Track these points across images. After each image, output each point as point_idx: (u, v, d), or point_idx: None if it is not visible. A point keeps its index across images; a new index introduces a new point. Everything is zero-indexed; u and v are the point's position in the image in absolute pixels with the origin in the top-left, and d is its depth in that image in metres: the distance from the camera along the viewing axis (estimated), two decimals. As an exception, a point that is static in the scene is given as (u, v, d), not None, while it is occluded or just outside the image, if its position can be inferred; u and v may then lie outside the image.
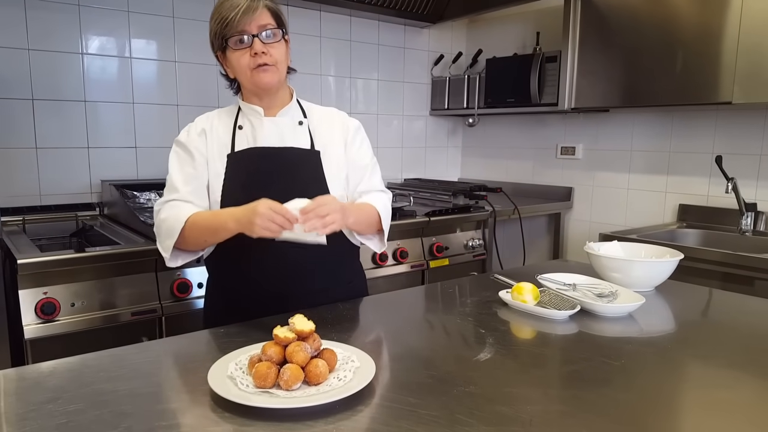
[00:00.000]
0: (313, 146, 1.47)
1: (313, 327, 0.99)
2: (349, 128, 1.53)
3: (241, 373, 0.96)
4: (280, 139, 1.45)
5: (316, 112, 1.54)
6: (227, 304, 1.49)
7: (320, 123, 1.51)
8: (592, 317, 1.34)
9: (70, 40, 2.42)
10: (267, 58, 1.36)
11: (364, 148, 1.55)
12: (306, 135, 1.48)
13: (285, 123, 1.47)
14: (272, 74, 1.38)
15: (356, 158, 1.52)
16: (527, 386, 0.98)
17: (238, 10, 1.32)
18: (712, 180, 2.73)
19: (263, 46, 1.35)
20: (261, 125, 1.45)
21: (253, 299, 1.43)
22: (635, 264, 1.55)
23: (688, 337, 1.28)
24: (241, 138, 1.45)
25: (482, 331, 1.24)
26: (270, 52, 1.36)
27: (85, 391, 0.94)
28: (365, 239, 1.50)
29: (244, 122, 1.47)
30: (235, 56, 1.38)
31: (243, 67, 1.38)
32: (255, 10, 1.33)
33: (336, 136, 1.51)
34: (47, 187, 2.43)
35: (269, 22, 1.36)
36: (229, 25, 1.34)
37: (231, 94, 1.57)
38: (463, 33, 3.81)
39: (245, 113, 1.47)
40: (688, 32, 2.46)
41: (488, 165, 3.80)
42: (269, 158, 1.42)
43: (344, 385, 0.92)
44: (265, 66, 1.36)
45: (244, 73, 1.39)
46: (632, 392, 0.97)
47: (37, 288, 1.77)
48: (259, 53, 1.35)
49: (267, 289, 1.43)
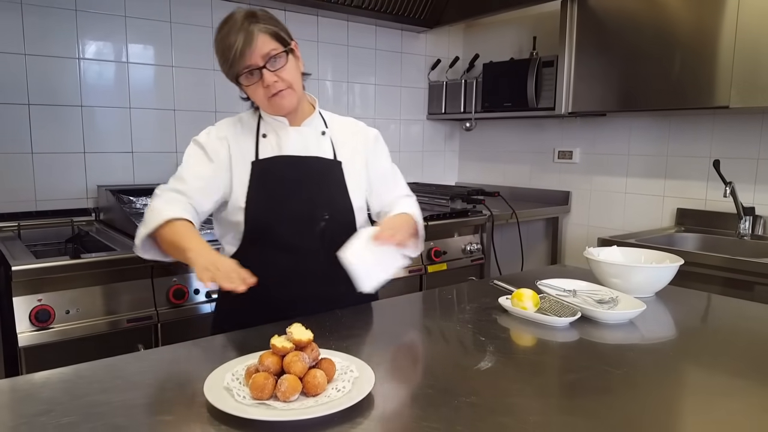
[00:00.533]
0: (335, 156, 1.49)
1: (311, 336, 0.98)
2: (369, 138, 1.56)
3: (237, 384, 0.94)
4: (305, 148, 1.46)
5: (337, 122, 1.56)
6: (239, 309, 1.45)
7: (341, 134, 1.53)
8: (593, 324, 1.33)
9: (66, 44, 2.40)
10: (279, 84, 1.35)
11: (384, 157, 1.59)
12: (329, 145, 1.50)
13: (309, 133, 1.48)
14: (289, 98, 1.38)
15: (378, 167, 1.56)
16: (529, 396, 0.97)
17: (237, 48, 1.30)
18: (710, 184, 2.73)
19: (272, 75, 1.34)
20: (286, 134, 1.46)
21: (265, 304, 1.39)
22: (636, 270, 1.54)
23: (690, 344, 1.27)
24: (265, 146, 1.46)
25: (482, 339, 1.22)
26: (281, 77, 1.35)
27: (79, 403, 0.92)
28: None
29: (268, 130, 1.47)
30: (250, 90, 1.39)
31: (260, 99, 1.39)
32: (252, 42, 1.30)
33: (357, 147, 1.53)
34: (43, 193, 2.41)
35: (272, 48, 1.34)
36: (233, 65, 1.33)
37: (227, 99, 1.56)
38: (460, 38, 3.81)
39: (268, 123, 1.47)
40: (685, 36, 2.46)
41: (485, 169, 3.79)
42: (295, 167, 1.44)
43: (343, 396, 0.90)
44: (280, 93, 1.36)
45: (263, 103, 1.40)
46: (635, 401, 0.95)
47: (31, 295, 1.75)
48: (271, 84, 1.34)
49: (281, 294, 1.42)
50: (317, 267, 1.43)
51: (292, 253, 1.42)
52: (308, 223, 1.42)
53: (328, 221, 1.43)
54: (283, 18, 3.07)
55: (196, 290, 2.04)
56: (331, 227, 1.43)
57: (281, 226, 1.41)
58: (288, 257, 1.42)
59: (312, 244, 1.43)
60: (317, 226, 1.43)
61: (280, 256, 1.42)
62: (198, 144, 1.47)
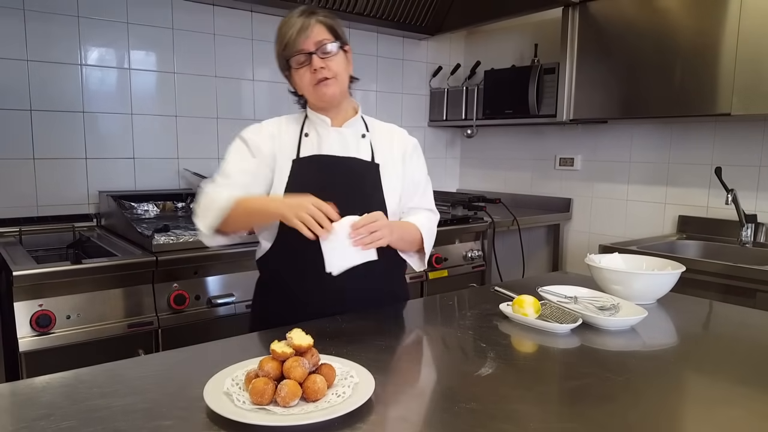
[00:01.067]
0: (373, 159, 1.52)
1: (311, 341, 0.98)
2: (408, 145, 1.60)
3: (237, 389, 0.94)
4: (344, 149, 1.50)
5: (377, 127, 1.59)
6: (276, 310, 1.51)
7: (381, 138, 1.56)
8: (594, 330, 1.32)
9: (69, 51, 2.41)
10: (326, 72, 1.41)
11: (420, 166, 1.62)
12: (367, 148, 1.53)
13: (349, 134, 1.52)
14: (333, 87, 1.44)
15: (412, 175, 1.58)
16: (530, 403, 0.96)
17: (293, 31, 1.39)
18: (712, 191, 2.72)
19: (321, 62, 1.41)
20: (327, 134, 1.50)
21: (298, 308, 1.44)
22: (637, 276, 1.53)
23: (692, 351, 1.27)
24: (306, 145, 1.50)
25: (483, 345, 1.22)
26: (329, 66, 1.41)
27: (79, 408, 0.92)
28: (406, 256, 1.55)
29: (311, 130, 1.52)
30: (298, 74, 1.44)
31: (306, 84, 1.44)
32: (310, 28, 1.39)
33: (395, 152, 1.56)
34: (44, 198, 2.42)
35: (325, 37, 1.41)
36: (288, 47, 1.41)
37: (229, 105, 1.57)
38: (462, 45, 3.82)
39: (312, 121, 1.52)
40: (686, 43, 2.47)
41: (487, 176, 3.79)
42: (332, 166, 1.48)
43: (343, 402, 0.90)
44: (325, 80, 1.42)
45: (308, 89, 1.45)
46: (638, 409, 0.95)
47: (32, 300, 1.75)
48: (318, 69, 1.40)
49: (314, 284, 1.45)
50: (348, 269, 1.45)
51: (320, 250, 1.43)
52: None
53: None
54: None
55: (197, 296, 2.04)
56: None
57: None
58: (317, 254, 1.41)
59: None
60: None
61: (311, 253, 1.41)
62: (242, 140, 1.52)
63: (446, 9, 3.29)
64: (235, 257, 2.09)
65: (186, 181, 2.76)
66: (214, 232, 1.45)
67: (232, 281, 2.12)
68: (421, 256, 1.56)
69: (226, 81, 2.83)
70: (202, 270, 2.05)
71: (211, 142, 2.82)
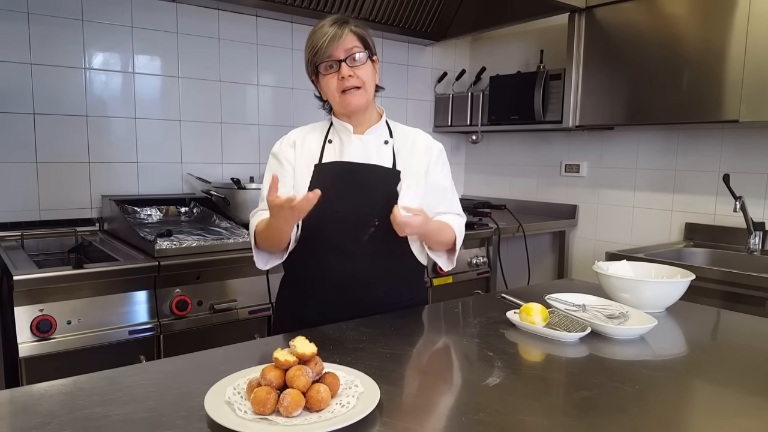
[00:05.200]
0: (394, 165, 1.53)
1: (314, 350, 0.95)
2: (433, 151, 1.60)
3: (239, 398, 0.92)
4: (366, 155, 1.52)
5: (401, 132, 1.60)
6: (293, 316, 1.55)
7: (404, 144, 1.58)
8: (603, 339, 1.30)
9: (73, 54, 2.41)
10: (354, 80, 1.44)
11: (445, 171, 1.63)
12: (390, 154, 1.54)
13: (371, 141, 1.54)
14: (360, 96, 1.46)
15: (437, 180, 1.59)
16: (539, 414, 0.94)
17: (326, 38, 1.41)
18: (719, 198, 2.70)
19: (350, 70, 1.43)
20: (349, 141, 1.53)
21: (319, 312, 1.49)
22: (647, 285, 1.51)
23: (703, 361, 1.24)
24: (329, 151, 1.54)
25: (490, 354, 1.20)
26: (357, 75, 1.44)
27: (77, 416, 0.89)
28: (435, 255, 1.57)
29: (334, 137, 1.55)
30: (325, 80, 1.47)
31: (332, 91, 1.47)
32: (341, 36, 1.42)
33: (418, 158, 1.57)
34: (47, 202, 2.41)
35: (355, 46, 1.44)
36: (319, 53, 1.43)
37: (233, 110, 1.56)
38: (467, 51, 3.81)
39: (336, 129, 1.56)
40: (693, 50, 2.45)
41: (492, 182, 3.77)
42: (352, 172, 1.50)
43: (347, 412, 0.88)
44: (352, 89, 1.45)
45: (333, 96, 1.48)
46: (649, 420, 0.92)
47: (33, 305, 1.73)
48: (346, 77, 1.43)
49: (331, 291, 1.49)
50: (361, 270, 1.48)
51: (340, 254, 1.47)
52: (359, 228, 1.47)
53: (378, 227, 1.46)
54: (289, 29, 3.09)
55: (200, 302, 2.01)
56: (381, 233, 1.46)
57: (331, 228, 1.47)
58: (335, 258, 1.48)
59: (360, 247, 1.47)
60: (367, 230, 1.47)
61: (328, 256, 1.48)
62: (273, 154, 1.58)
63: (452, 15, 3.28)
64: (237, 263, 2.07)
65: (189, 186, 2.75)
66: (261, 255, 1.48)
67: (234, 287, 2.10)
68: (450, 256, 1.59)
69: (230, 86, 2.82)
70: (204, 275, 2.03)
71: (215, 147, 2.80)
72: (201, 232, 2.24)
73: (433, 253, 1.57)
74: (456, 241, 1.56)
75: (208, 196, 2.60)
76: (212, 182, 2.65)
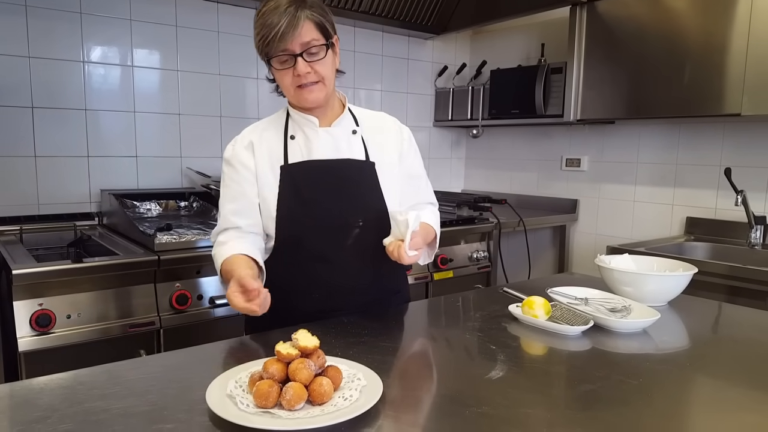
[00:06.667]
0: (367, 156, 1.42)
1: (317, 343, 0.95)
2: (403, 136, 1.50)
3: (241, 392, 0.91)
4: (336, 150, 1.39)
5: (367, 118, 1.48)
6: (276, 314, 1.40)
7: (373, 131, 1.46)
8: (605, 333, 1.29)
9: (71, 48, 2.39)
10: (311, 76, 1.30)
11: (418, 158, 1.54)
12: (360, 144, 1.43)
13: (339, 133, 1.41)
14: (318, 92, 1.32)
15: (412, 169, 1.51)
16: (543, 407, 0.93)
17: (278, 29, 1.23)
18: (720, 192, 2.69)
19: (306, 66, 1.28)
20: (316, 136, 1.39)
21: (302, 311, 1.38)
22: (649, 278, 1.50)
23: (706, 354, 1.24)
24: (294, 149, 1.39)
25: (492, 348, 1.19)
26: (315, 69, 1.30)
27: (77, 410, 0.89)
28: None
29: (296, 131, 1.41)
30: (279, 75, 1.32)
31: (287, 86, 1.33)
32: (297, 27, 1.24)
33: (389, 144, 1.47)
34: (46, 197, 2.40)
35: (313, 38, 1.27)
36: (270, 45, 1.26)
37: (233, 103, 1.53)
38: (467, 44, 3.80)
39: (297, 122, 1.41)
40: (695, 43, 2.44)
41: (492, 176, 3.76)
42: (326, 172, 1.38)
43: (350, 405, 0.87)
44: (310, 86, 1.31)
45: (288, 91, 1.35)
46: (653, 413, 0.92)
47: (32, 299, 1.73)
48: (303, 74, 1.28)
49: (308, 306, 1.39)
50: (348, 277, 1.40)
51: (324, 262, 1.37)
52: (342, 232, 1.38)
53: (362, 228, 1.38)
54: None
55: (200, 296, 2.01)
56: (365, 234, 1.38)
57: (313, 237, 1.36)
58: (319, 267, 1.38)
59: (344, 253, 1.38)
60: (351, 233, 1.38)
61: (310, 266, 1.37)
62: (225, 161, 1.43)
63: (452, 8, 3.27)
64: (238, 257, 2.06)
65: (189, 180, 2.74)
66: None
67: None
68: (429, 250, 1.51)
69: (229, 79, 2.80)
70: (204, 270, 2.02)
71: (215, 141, 2.79)
72: (201, 226, 2.23)
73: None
74: (436, 236, 1.49)
75: (208, 190, 2.58)
76: (212, 176, 2.64)
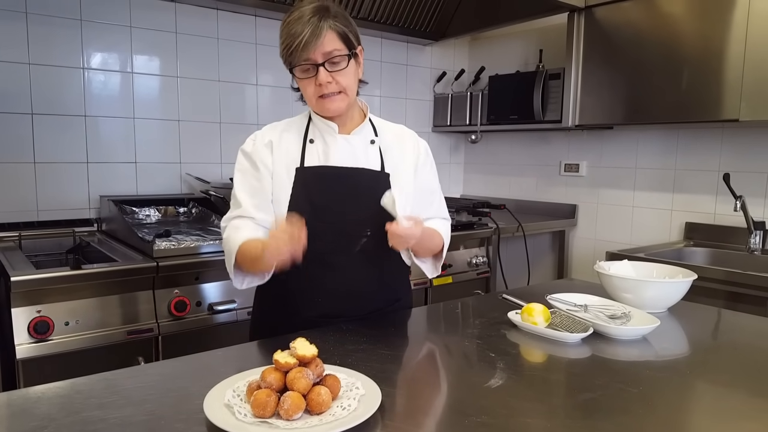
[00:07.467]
0: (383, 167, 1.43)
1: (315, 352, 0.94)
2: (420, 151, 1.52)
3: (238, 401, 0.91)
4: (353, 158, 1.40)
5: (387, 130, 1.50)
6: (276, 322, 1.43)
7: (391, 143, 1.48)
8: (605, 340, 1.29)
9: (71, 54, 2.39)
10: (332, 86, 1.31)
11: (433, 172, 1.55)
12: (376, 155, 1.44)
13: (357, 142, 1.42)
14: (339, 102, 1.34)
15: (425, 182, 1.52)
16: (543, 416, 0.93)
17: (302, 39, 1.25)
18: (719, 198, 2.69)
19: (328, 75, 1.30)
20: (335, 142, 1.40)
21: (305, 314, 1.39)
22: (649, 285, 1.50)
23: (706, 362, 1.23)
24: (311, 153, 1.40)
25: (492, 355, 1.19)
26: (336, 80, 1.31)
27: (74, 420, 0.88)
28: (420, 262, 1.49)
29: (316, 136, 1.42)
30: (302, 84, 1.35)
31: (309, 96, 1.35)
32: (319, 37, 1.26)
33: (407, 158, 1.48)
34: (45, 203, 2.39)
35: (335, 48, 1.29)
36: (293, 54, 1.28)
37: (232, 110, 1.53)
38: (466, 50, 3.80)
39: (317, 126, 1.42)
40: (692, 49, 2.44)
41: (491, 182, 3.76)
42: (341, 179, 1.39)
43: (348, 415, 0.87)
44: (331, 96, 1.32)
45: (311, 100, 1.36)
46: (654, 423, 0.91)
47: (30, 306, 1.72)
48: (324, 84, 1.30)
49: (322, 305, 1.40)
50: (353, 283, 1.40)
51: (329, 268, 1.38)
52: (350, 239, 1.38)
53: (370, 237, 1.38)
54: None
55: (198, 302, 2.00)
56: (372, 243, 1.38)
57: (321, 241, 1.34)
58: (324, 272, 1.38)
59: (351, 259, 1.39)
60: (359, 241, 1.38)
61: (316, 270, 1.37)
62: (244, 154, 1.43)
63: (450, 14, 3.28)
64: (236, 263, 2.06)
65: (188, 186, 2.74)
66: (240, 276, 1.38)
67: (233, 288, 2.04)
68: (436, 263, 1.51)
69: (229, 85, 2.81)
70: (203, 276, 2.02)
71: (214, 147, 2.79)
72: (200, 232, 2.22)
73: (419, 260, 1.48)
74: (443, 247, 1.49)
75: (207, 197, 2.58)
76: (211, 182, 2.64)
